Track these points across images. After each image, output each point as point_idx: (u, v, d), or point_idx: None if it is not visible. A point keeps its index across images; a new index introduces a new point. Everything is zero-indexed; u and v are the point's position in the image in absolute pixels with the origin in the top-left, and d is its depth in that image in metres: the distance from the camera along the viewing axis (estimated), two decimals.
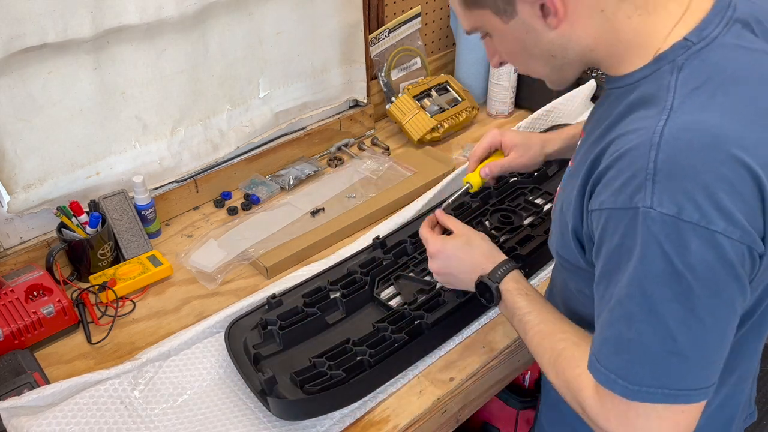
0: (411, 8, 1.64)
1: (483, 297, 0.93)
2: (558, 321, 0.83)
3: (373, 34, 1.57)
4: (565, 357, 0.77)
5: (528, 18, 0.71)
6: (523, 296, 0.88)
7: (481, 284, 0.92)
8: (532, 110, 1.57)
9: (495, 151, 1.11)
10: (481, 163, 1.10)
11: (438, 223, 1.04)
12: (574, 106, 1.56)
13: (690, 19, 0.69)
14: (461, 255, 0.96)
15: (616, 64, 0.73)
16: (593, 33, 0.70)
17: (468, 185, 1.09)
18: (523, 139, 1.08)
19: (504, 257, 0.94)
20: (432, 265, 0.99)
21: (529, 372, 1.69)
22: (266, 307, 1.07)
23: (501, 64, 0.83)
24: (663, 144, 0.62)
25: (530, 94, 1.70)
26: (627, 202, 0.63)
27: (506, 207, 1.27)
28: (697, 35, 0.68)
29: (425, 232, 1.01)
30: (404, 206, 1.34)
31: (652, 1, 0.68)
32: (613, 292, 0.67)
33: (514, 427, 1.68)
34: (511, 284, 0.90)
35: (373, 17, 1.57)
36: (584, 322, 0.83)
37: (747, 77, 0.66)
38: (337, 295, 1.08)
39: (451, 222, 1.01)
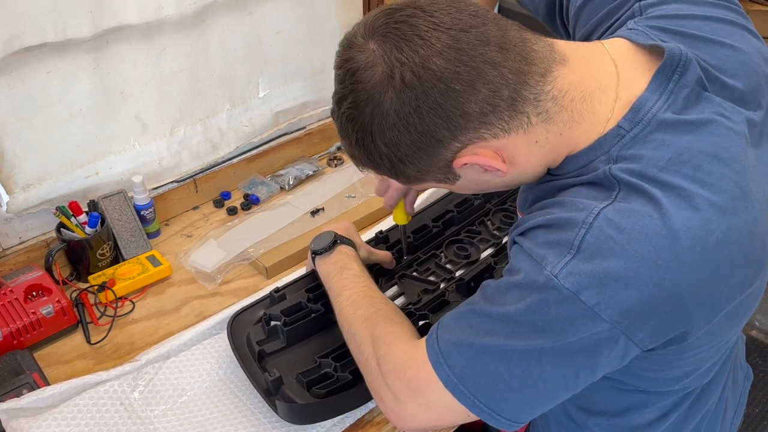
0: None
1: (317, 244, 1.00)
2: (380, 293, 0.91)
3: None
4: (383, 315, 0.84)
5: (473, 176, 0.72)
6: (358, 264, 0.96)
7: (325, 234, 1.01)
8: None
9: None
10: (397, 203, 1.08)
11: None
12: None
13: (625, 96, 0.68)
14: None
15: (559, 164, 0.73)
16: (537, 161, 0.71)
17: (400, 226, 1.13)
18: None
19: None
20: None
21: None
22: (269, 300, 1.07)
23: None
24: (595, 226, 0.62)
25: None
26: (540, 257, 0.64)
27: (509, 207, 1.27)
28: (630, 120, 0.67)
29: None
30: None
31: (577, 111, 0.68)
32: (483, 306, 0.70)
33: None
34: (351, 252, 0.98)
35: None
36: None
37: (683, 161, 0.64)
38: None
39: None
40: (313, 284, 1.09)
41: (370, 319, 0.84)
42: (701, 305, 0.63)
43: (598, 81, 0.68)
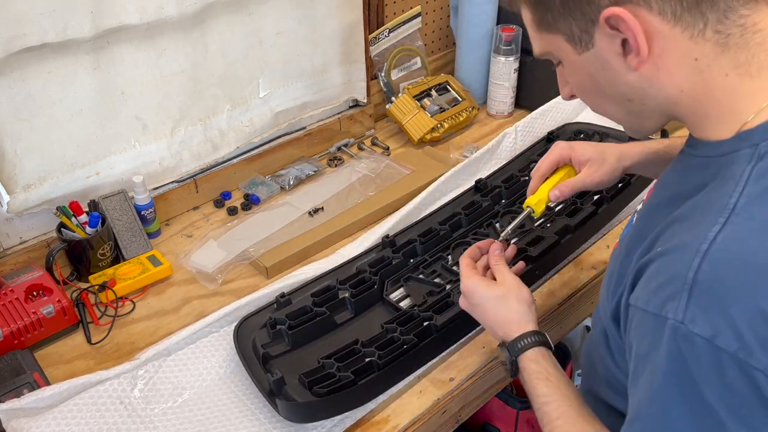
0: (411, 8, 1.64)
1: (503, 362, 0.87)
2: (578, 417, 0.75)
3: (373, 34, 1.57)
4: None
5: (605, 53, 0.63)
6: (543, 381, 0.80)
7: (502, 348, 0.86)
8: (532, 110, 1.57)
9: (562, 166, 1.00)
10: (544, 181, 0.99)
11: (483, 255, 0.97)
12: (572, 105, 1.56)
13: None
14: (490, 308, 0.88)
15: (700, 125, 0.64)
16: (680, 83, 0.62)
17: (530, 209, 0.98)
18: (596, 152, 0.96)
19: (532, 328, 0.85)
20: (461, 302, 0.94)
21: None
22: (275, 305, 1.07)
23: (572, 97, 0.73)
24: (711, 252, 0.54)
25: (530, 94, 1.69)
26: (658, 309, 0.56)
27: (517, 208, 1.26)
28: None
29: (464, 263, 0.94)
30: (404, 205, 1.33)
31: (756, 62, 0.58)
32: (635, 401, 0.61)
33: (514, 427, 1.68)
34: (532, 365, 0.81)
35: (373, 17, 1.57)
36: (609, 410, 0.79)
37: None
38: (346, 294, 1.08)
39: (499, 270, 0.92)
40: (318, 289, 1.09)
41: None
42: None
43: None
